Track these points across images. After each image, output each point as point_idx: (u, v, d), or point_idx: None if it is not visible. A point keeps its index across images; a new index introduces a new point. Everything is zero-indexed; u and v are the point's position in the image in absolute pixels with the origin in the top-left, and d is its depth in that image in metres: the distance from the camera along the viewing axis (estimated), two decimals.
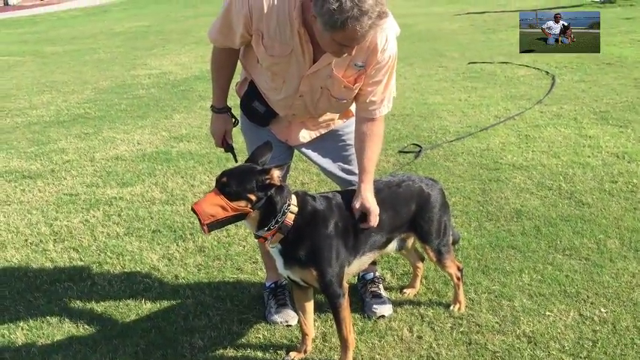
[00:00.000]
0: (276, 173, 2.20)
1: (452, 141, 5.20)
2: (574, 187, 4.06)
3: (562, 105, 6.09)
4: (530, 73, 7.68)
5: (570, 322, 2.67)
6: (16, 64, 11.33)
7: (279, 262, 2.38)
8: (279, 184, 2.22)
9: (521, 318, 2.73)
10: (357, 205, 2.42)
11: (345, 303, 2.41)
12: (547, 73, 7.58)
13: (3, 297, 3.17)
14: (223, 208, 2.15)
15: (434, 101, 6.61)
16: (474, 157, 4.78)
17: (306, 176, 4.54)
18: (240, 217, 2.20)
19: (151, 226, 3.89)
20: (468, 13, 14.47)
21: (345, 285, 2.42)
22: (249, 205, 2.18)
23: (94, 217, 4.09)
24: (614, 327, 2.62)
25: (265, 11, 2.26)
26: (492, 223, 3.66)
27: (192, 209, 2.17)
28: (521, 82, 7.24)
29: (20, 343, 2.77)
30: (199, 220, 2.16)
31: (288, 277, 2.45)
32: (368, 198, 2.42)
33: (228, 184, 2.17)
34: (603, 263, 3.11)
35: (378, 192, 2.53)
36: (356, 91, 2.43)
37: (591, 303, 2.80)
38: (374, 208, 2.42)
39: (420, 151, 4.97)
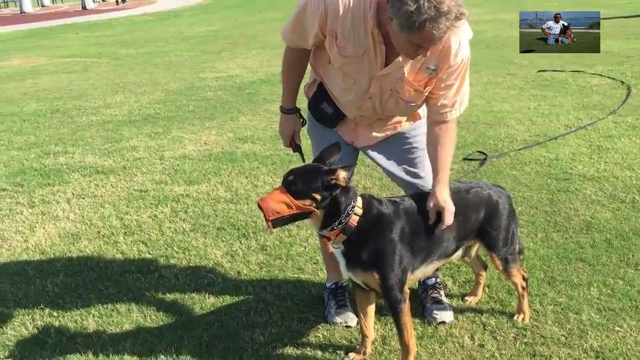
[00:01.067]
0: (342, 174, 2.21)
1: (519, 149, 5.08)
2: None
3: (638, 116, 5.86)
4: (604, 83, 7.43)
5: None
6: (92, 66, 11.84)
7: (341, 263, 2.40)
8: (344, 184, 2.23)
9: (589, 332, 2.64)
10: (431, 204, 2.40)
11: (406, 308, 2.40)
12: (622, 82, 7.31)
13: (76, 285, 3.32)
14: (288, 205, 2.19)
15: (501, 109, 6.49)
16: (542, 167, 4.66)
17: (369, 180, 4.54)
18: (304, 215, 2.24)
19: (216, 224, 3.99)
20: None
21: (407, 290, 2.41)
22: (314, 204, 2.21)
23: (162, 212, 4.23)
24: None
25: (341, 12, 2.28)
26: (560, 234, 3.55)
27: (258, 205, 2.22)
28: (594, 92, 7.01)
29: (91, 330, 2.89)
30: (264, 215, 2.20)
31: (350, 279, 2.46)
32: (443, 196, 2.40)
33: (295, 183, 2.20)
34: None
35: (453, 197, 2.51)
36: (426, 95, 2.42)
37: None
38: (449, 207, 2.39)
39: (485, 158, 4.88)
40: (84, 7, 33.68)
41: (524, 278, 2.74)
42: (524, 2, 18.97)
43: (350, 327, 2.79)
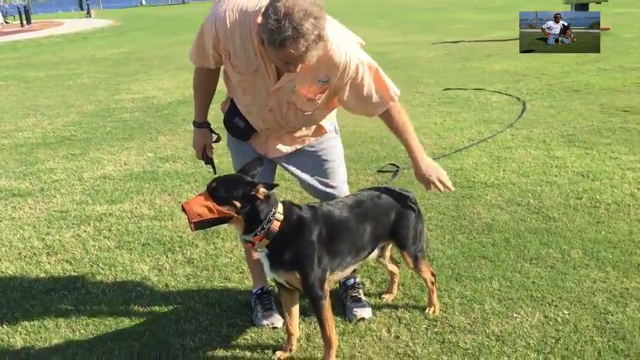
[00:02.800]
0: (262, 189, 2.40)
1: None
2: (541, 203, 4.33)
3: (532, 129, 6.40)
4: (502, 99, 8.02)
5: (535, 323, 2.90)
6: None
7: (266, 266, 2.57)
8: (262, 198, 2.42)
9: (491, 319, 2.94)
10: (418, 176, 2.84)
11: (326, 304, 2.60)
12: (518, 99, 7.93)
13: (0, 305, 3.31)
14: (210, 209, 2.36)
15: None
16: (448, 176, 5.02)
17: (289, 193, 4.74)
18: (224, 220, 2.41)
19: (141, 240, 4.06)
20: (443, 42, 14.93)
21: (327, 287, 2.62)
22: (234, 211, 2.39)
23: (85, 231, 4.24)
24: (576, 327, 2.84)
25: (229, 32, 2.48)
26: (465, 235, 3.89)
27: (182, 207, 2.38)
28: (494, 108, 7.57)
29: (19, 346, 2.91)
30: (187, 217, 2.36)
31: (274, 280, 2.65)
32: (427, 163, 2.81)
33: (217, 189, 2.38)
34: (567, 271, 3.36)
35: (361, 204, 2.76)
36: (319, 104, 2.64)
37: (555, 306, 3.03)
38: (440, 171, 2.81)
39: (397, 170, 5.21)
40: None
41: (432, 274, 3.02)
42: (436, 26, 20.01)
43: (277, 328, 2.96)
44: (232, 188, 2.39)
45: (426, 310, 3.03)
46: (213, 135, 3.05)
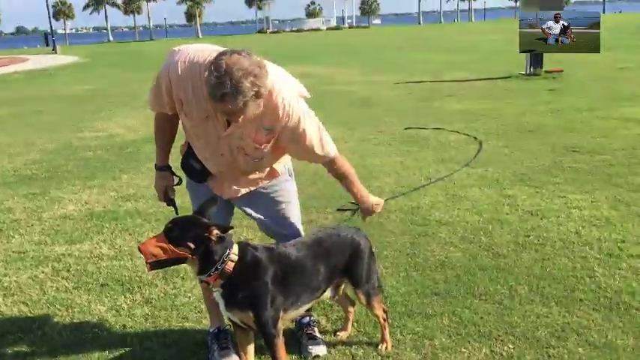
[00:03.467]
0: (214, 231, 2.49)
1: (386, 199, 5.57)
2: (492, 241, 4.50)
3: (487, 167, 6.64)
4: (460, 139, 8.30)
5: (482, 357, 3.01)
6: None
7: (221, 305, 2.65)
8: (215, 240, 2.50)
9: (440, 355, 3.05)
10: (368, 212, 3.09)
11: (280, 342, 2.67)
12: (475, 138, 8.21)
13: None
14: (164, 250, 2.45)
15: (372, 163, 7.08)
16: (405, 214, 5.19)
17: (251, 232, 4.82)
18: (180, 260, 2.50)
19: (100, 280, 4.07)
20: (406, 82, 15.36)
21: (280, 326, 2.69)
22: (189, 252, 2.48)
23: (42, 272, 4.24)
24: None
25: (181, 81, 2.62)
26: (419, 272, 4.02)
27: (139, 248, 2.47)
28: (452, 147, 7.82)
29: None
30: (144, 258, 2.44)
31: (229, 319, 2.72)
32: (372, 200, 3.06)
33: (172, 230, 2.48)
34: (513, 306, 3.50)
35: (319, 243, 2.86)
36: (265, 152, 2.77)
37: (501, 340, 3.16)
38: (377, 201, 3.10)
39: (357, 209, 5.33)
40: None
41: (384, 311, 3.13)
42: (402, 66, 20.51)
43: None
44: (186, 230, 2.48)
45: (379, 347, 3.13)
46: (175, 178, 3.14)
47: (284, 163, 3.06)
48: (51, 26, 55.33)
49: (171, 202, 3.15)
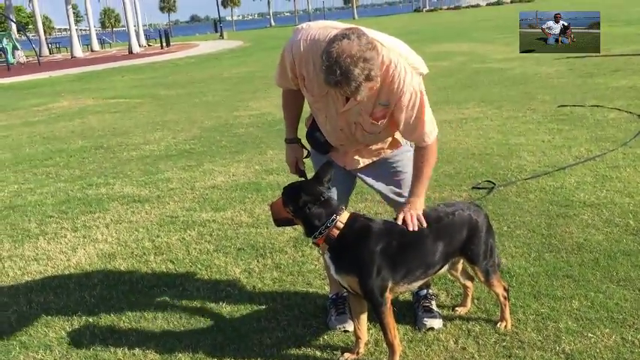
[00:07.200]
0: (303, 198, 2.64)
1: (526, 179, 5.35)
2: None
3: None
4: (621, 117, 7.62)
5: (611, 344, 2.81)
6: (136, 106, 12.60)
7: (331, 268, 2.74)
8: (305, 205, 2.64)
9: (563, 338, 2.89)
10: (399, 219, 2.77)
11: (387, 311, 2.71)
12: (639, 116, 7.49)
13: (110, 297, 3.74)
14: (280, 211, 2.74)
15: (516, 142, 6.76)
16: (546, 194, 4.92)
17: (381, 207, 4.87)
18: (291, 221, 2.74)
19: (237, 245, 4.38)
20: (568, 58, 14.30)
21: (388, 295, 2.72)
22: (291, 214, 2.69)
23: (189, 235, 4.65)
24: None
25: (303, 58, 2.71)
26: (552, 254, 3.81)
27: (270, 206, 2.83)
28: (610, 125, 7.21)
29: (121, 333, 3.29)
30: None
31: (341, 284, 2.80)
32: (416, 205, 2.80)
33: (282, 194, 2.72)
34: None
35: (437, 221, 2.84)
36: (381, 127, 2.79)
37: (636, 329, 2.91)
38: (418, 213, 2.78)
39: (493, 188, 5.17)
40: (130, 52, 35.34)
41: (505, 289, 3.02)
42: None
43: (348, 331, 3.11)
44: (286, 195, 2.73)
45: (497, 325, 3.04)
46: (304, 150, 3.27)
47: None
48: (219, 13, 59.51)
49: (302, 174, 3.28)
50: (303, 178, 3.29)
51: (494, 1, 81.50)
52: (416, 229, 2.74)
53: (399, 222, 2.77)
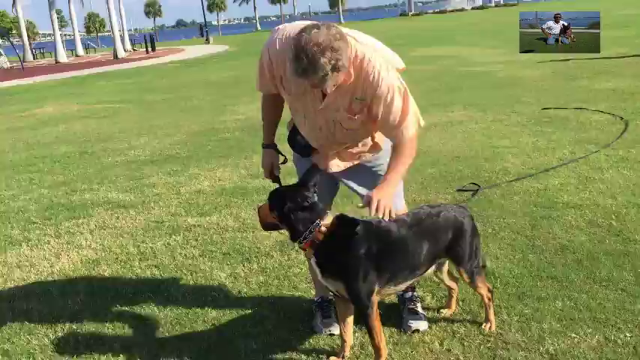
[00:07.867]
0: (287, 205, 2.63)
1: (511, 181, 5.39)
2: (624, 226, 4.16)
3: (631, 149, 6.11)
4: (603, 119, 7.70)
5: (594, 344, 2.83)
6: (120, 111, 12.53)
7: (318, 272, 2.74)
8: (289, 212, 2.63)
9: (547, 338, 2.91)
10: (369, 196, 2.68)
11: (373, 314, 2.70)
12: (621, 118, 7.57)
13: (94, 303, 3.71)
14: (266, 215, 2.73)
15: (500, 144, 6.80)
16: (530, 196, 4.95)
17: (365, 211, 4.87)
18: (277, 225, 2.72)
19: (223, 250, 4.37)
20: (551, 61, 14.43)
21: (374, 299, 2.72)
22: (276, 219, 2.70)
23: (175, 240, 4.63)
24: (635, 350, 2.76)
25: (279, 57, 2.70)
26: (536, 255, 3.84)
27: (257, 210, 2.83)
28: (593, 127, 7.28)
29: (105, 339, 3.26)
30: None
31: (328, 288, 2.80)
32: (386, 194, 2.69)
33: (268, 199, 2.72)
34: (638, 294, 3.23)
35: (420, 222, 2.84)
36: (359, 121, 2.78)
37: (618, 328, 2.94)
38: (383, 203, 2.65)
39: (477, 190, 5.20)
40: (115, 57, 35.18)
41: (489, 290, 3.04)
42: None
43: (333, 335, 3.11)
44: (271, 200, 2.72)
45: (482, 326, 3.05)
46: (280, 156, 3.27)
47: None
48: (204, 18, 59.06)
49: (276, 179, 3.28)
50: (277, 184, 3.30)
51: (479, 5, 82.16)
52: (386, 218, 2.66)
53: (365, 204, 2.67)
